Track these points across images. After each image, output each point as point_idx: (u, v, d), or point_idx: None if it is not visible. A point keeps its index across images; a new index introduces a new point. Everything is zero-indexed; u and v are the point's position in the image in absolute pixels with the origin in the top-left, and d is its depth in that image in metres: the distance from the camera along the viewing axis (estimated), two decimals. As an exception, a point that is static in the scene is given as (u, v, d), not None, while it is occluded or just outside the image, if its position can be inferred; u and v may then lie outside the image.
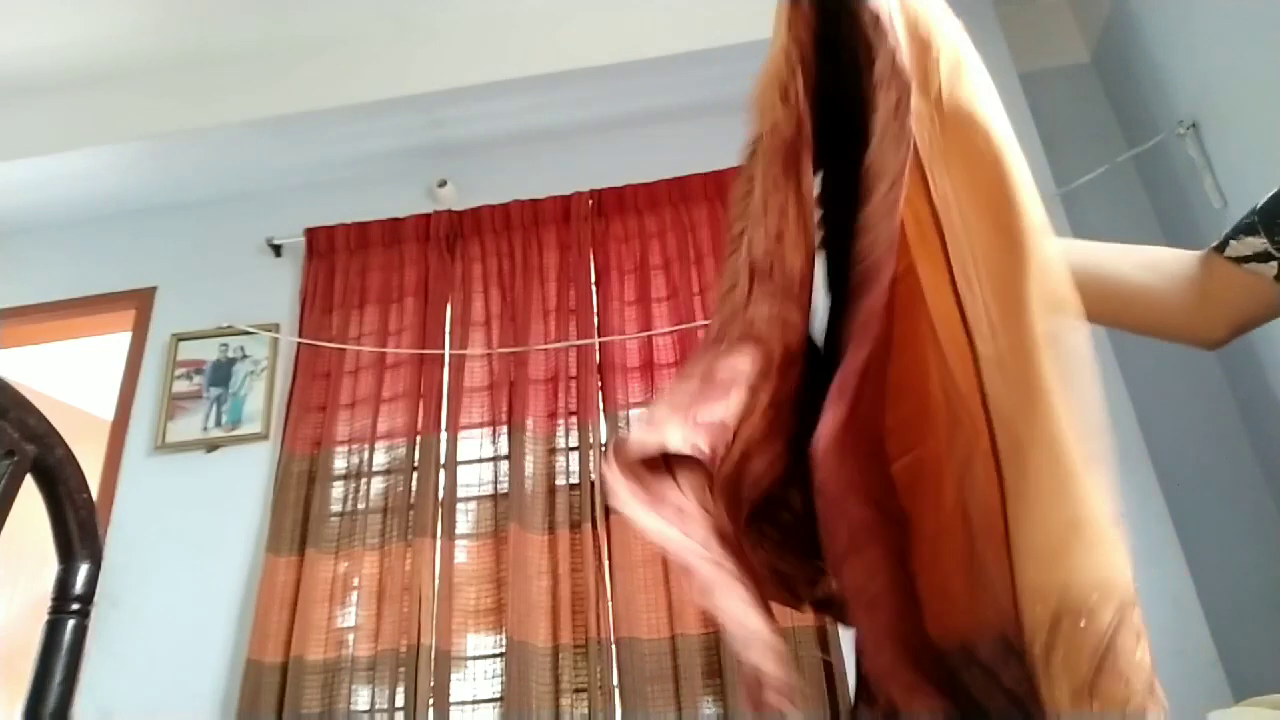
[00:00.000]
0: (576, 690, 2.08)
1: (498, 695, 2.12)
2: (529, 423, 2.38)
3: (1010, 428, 0.46)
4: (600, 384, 2.43)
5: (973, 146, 0.51)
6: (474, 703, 2.13)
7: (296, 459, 2.44)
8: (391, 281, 2.69)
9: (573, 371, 2.45)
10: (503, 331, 2.55)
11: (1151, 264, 0.81)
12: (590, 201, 2.68)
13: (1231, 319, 0.79)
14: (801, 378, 0.58)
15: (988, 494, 0.46)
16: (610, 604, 2.15)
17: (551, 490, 2.32)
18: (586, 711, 2.05)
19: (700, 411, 0.53)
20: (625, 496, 0.47)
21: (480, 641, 2.20)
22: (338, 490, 2.41)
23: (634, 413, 2.38)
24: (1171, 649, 1.78)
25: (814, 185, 0.61)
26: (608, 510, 2.24)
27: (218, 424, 2.60)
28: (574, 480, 2.32)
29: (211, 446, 2.59)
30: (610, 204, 2.67)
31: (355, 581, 2.29)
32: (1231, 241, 0.78)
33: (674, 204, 2.64)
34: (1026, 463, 0.45)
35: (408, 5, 2.69)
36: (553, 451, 2.38)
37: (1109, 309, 0.80)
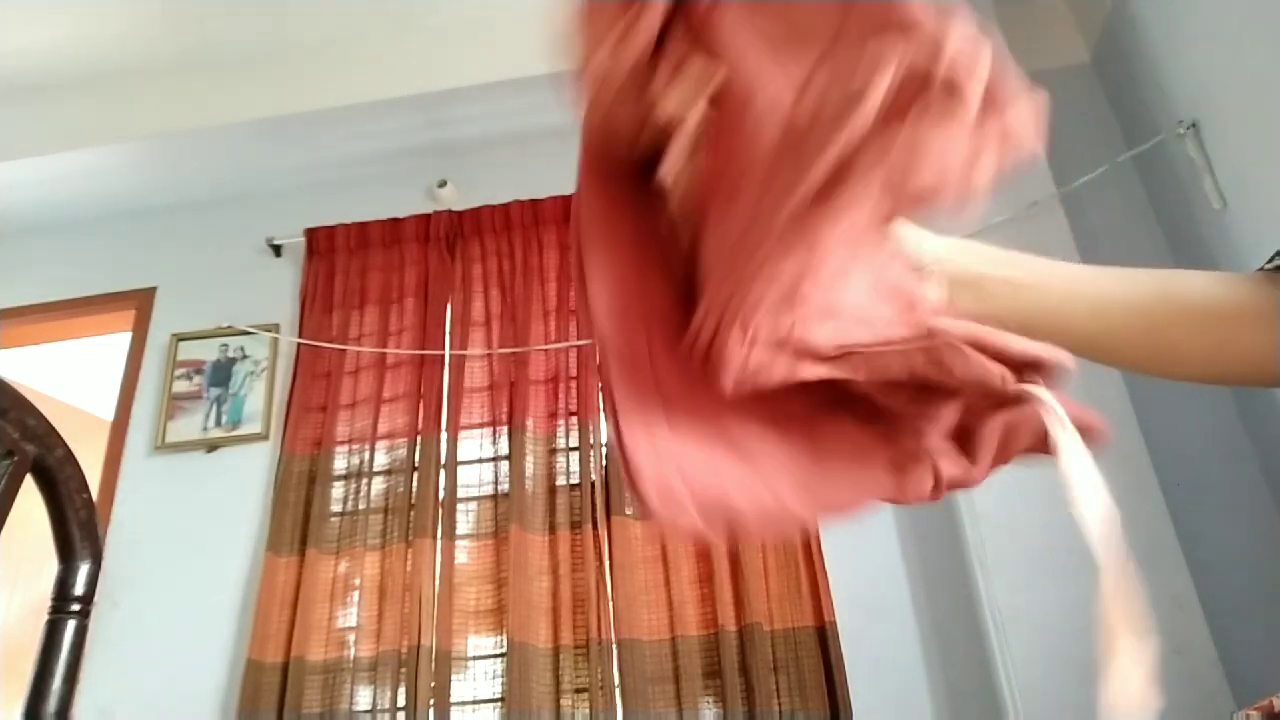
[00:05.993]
0: (577, 691, 2.08)
1: (499, 696, 2.12)
2: (529, 423, 2.38)
3: None
4: (600, 384, 2.42)
5: None
6: (475, 703, 2.12)
7: (297, 459, 2.44)
8: (391, 282, 2.69)
9: (573, 372, 2.46)
10: (503, 332, 2.55)
11: (1218, 288, 0.68)
12: (590, 201, 2.68)
13: None
14: None
15: None
16: (611, 604, 2.15)
17: (552, 490, 2.32)
18: (588, 712, 2.05)
19: None
20: None
21: (481, 642, 2.20)
22: (338, 490, 2.41)
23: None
24: (1171, 649, 1.78)
25: None
26: (609, 511, 2.24)
27: (218, 424, 2.60)
28: (574, 480, 2.32)
29: (211, 446, 2.59)
30: (610, 204, 2.67)
31: (356, 582, 2.29)
32: None
33: (674, 204, 2.63)
34: None
35: (408, 5, 2.69)
36: (553, 452, 2.38)
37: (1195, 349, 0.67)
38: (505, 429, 2.41)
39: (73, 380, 3.83)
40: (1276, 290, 0.65)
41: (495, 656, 2.17)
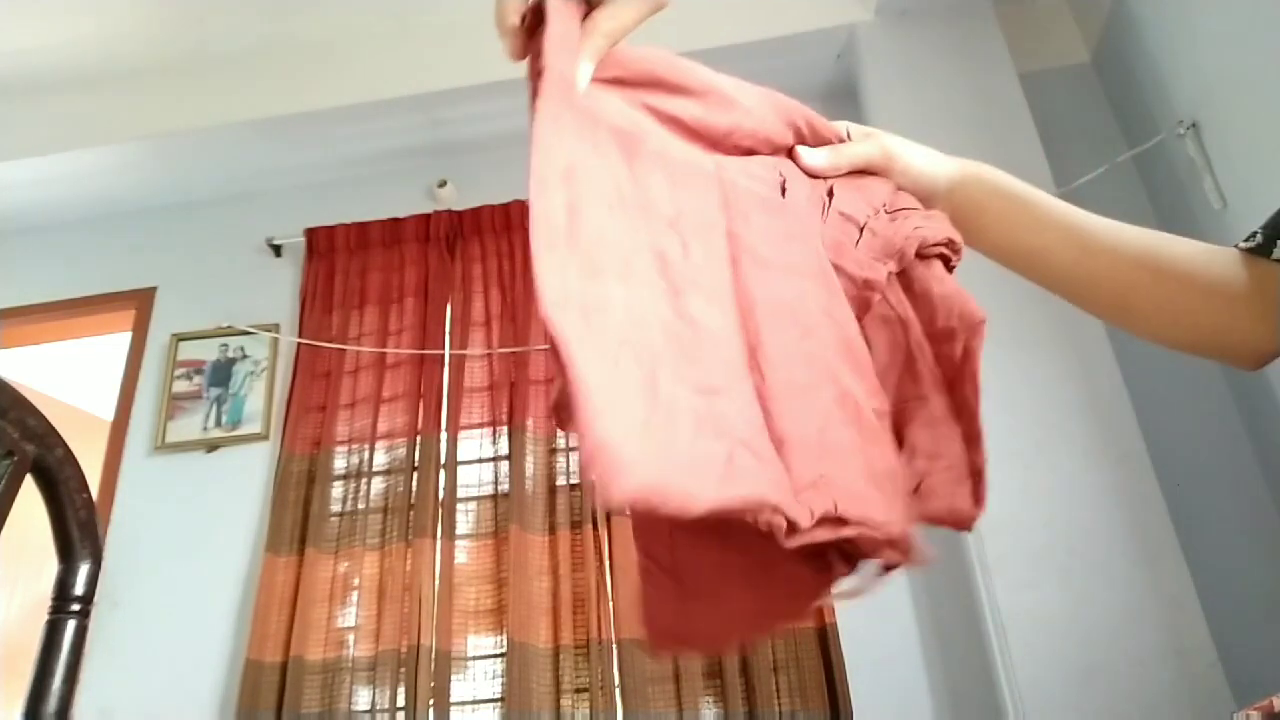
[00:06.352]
0: (577, 691, 2.08)
1: (498, 696, 2.12)
2: (529, 423, 2.38)
3: None
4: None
5: None
6: (474, 703, 2.12)
7: (296, 459, 2.44)
8: (391, 281, 2.69)
9: (573, 371, 2.45)
10: (503, 332, 2.55)
11: (1205, 257, 0.67)
12: (590, 201, 2.68)
13: None
14: None
15: None
16: (611, 604, 2.15)
17: (552, 490, 2.32)
18: (588, 712, 2.05)
19: None
20: None
21: (481, 642, 2.20)
22: (338, 490, 2.41)
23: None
24: (1171, 649, 1.78)
25: None
26: (609, 511, 2.24)
27: (218, 424, 2.60)
28: (574, 480, 2.32)
29: (211, 446, 2.59)
30: (610, 204, 2.67)
31: (355, 581, 2.29)
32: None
33: (674, 204, 2.63)
34: None
35: (408, 5, 2.69)
36: (553, 452, 2.38)
37: (1174, 309, 0.67)
38: (505, 429, 2.41)
39: (73, 380, 3.83)
40: (1252, 270, 0.65)
41: (495, 656, 2.16)
